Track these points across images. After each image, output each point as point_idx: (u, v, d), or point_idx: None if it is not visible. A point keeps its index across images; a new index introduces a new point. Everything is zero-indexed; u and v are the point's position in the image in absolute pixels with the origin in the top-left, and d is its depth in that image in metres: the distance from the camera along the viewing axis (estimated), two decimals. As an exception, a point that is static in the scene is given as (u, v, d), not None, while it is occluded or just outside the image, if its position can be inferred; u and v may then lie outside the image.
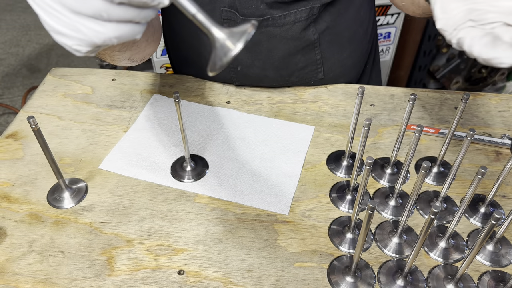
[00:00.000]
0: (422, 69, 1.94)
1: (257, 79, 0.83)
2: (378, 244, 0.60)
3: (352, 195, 0.66)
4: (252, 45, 0.78)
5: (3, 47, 2.64)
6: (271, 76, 0.82)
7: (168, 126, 0.78)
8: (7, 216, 0.64)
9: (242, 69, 0.82)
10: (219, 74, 0.81)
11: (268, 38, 0.77)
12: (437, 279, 0.56)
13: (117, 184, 0.68)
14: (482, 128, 0.78)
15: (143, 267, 0.58)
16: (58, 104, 0.82)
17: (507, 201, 0.66)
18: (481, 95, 0.84)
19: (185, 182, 0.68)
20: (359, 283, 0.55)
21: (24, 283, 0.56)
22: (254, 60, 0.80)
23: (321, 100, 0.83)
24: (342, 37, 0.82)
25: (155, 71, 2.02)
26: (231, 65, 0.81)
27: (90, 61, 2.56)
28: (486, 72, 1.95)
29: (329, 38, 0.80)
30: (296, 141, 0.75)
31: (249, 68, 0.81)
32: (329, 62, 0.83)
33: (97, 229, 0.62)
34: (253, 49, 0.79)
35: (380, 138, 0.76)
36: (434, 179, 0.69)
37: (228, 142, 0.75)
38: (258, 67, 0.81)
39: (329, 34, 0.80)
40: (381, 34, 1.83)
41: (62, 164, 0.71)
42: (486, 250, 0.59)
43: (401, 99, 0.83)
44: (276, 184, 0.68)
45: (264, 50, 0.79)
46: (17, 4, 3.01)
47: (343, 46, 0.83)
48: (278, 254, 0.59)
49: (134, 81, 0.88)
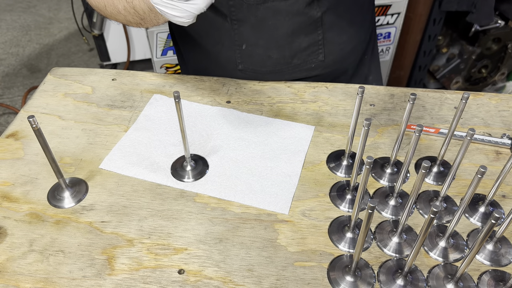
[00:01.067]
0: (422, 69, 1.94)
1: (260, 61, 0.85)
2: (378, 243, 0.60)
3: (352, 194, 0.66)
4: (258, 21, 0.80)
5: (3, 47, 2.64)
6: (274, 57, 0.84)
7: (168, 126, 0.78)
8: (7, 215, 0.64)
9: (247, 47, 0.84)
10: (223, 55, 0.86)
11: (273, 13, 0.79)
12: (437, 278, 0.56)
13: (117, 183, 0.68)
14: (482, 128, 0.78)
15: (143, 266, 0.58)
16: (58, 104, 0.82)
17: (507, 201, 0.66)
18: (481, 95, 0.84)
19: (185, 182, 0.68)
20: (359, 283, 0.55)
21: (24, 282, 0.56)
22: (259, 39, 0.82)
23: (321, 100, 0.83)
24: (342, 19, 0.85)
25: (155, 71, 2.02)
26: (236, 42, 0.83)
27: (91, 61, 2.57)
28: (486, 72, 1.95)
29: (331, 18, 0.83)
30: (296, 141, 0.75)
31: (254, 48, 0.83)
32: (329, 45, 0.86)
33: (98, 228, 0.62)
34: (258, 26, 0.81)
35: (380, 137, 0.76)
36: (434, 178, 0.69)
37: (228, 142, 0.75)
38: (262, 46, 0.83)
39: (331, 14, 0.82)
40: (381, 34, 1.83)
41: (62, 163, 0.71)
42: (486, 250, 0.59)
43: (401, 99, 0.83)
44: (276, 184, 0.68)
45: (269, 27, 0.81)
46: (17, 4, 3.01)
47: (343, 29, 0.86)
48: (278, 253, 0.59)
49: (134, 81, 0.88)
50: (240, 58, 0.85)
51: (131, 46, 2.27)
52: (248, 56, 0.85)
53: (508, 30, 1.81)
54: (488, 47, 1.86)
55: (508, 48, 1.88)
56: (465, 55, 1.87)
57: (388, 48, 1.90)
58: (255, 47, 0.84)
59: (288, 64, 0.86)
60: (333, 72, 0.91)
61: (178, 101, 0.60)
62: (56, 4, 3.01)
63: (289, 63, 0.86)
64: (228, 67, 0.88)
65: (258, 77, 0.88)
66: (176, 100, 0.60)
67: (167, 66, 2.06)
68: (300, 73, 0.88)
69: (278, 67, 0.86)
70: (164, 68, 2.06)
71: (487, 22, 1.74)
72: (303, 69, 0.87)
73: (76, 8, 2.24)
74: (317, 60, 0.87)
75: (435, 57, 1.96)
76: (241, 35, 0.82)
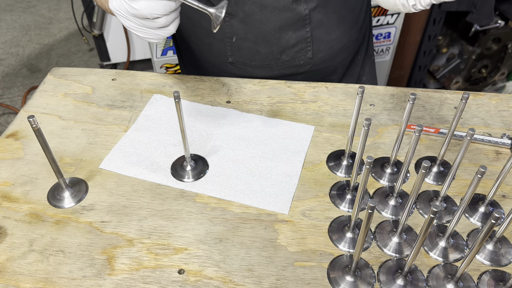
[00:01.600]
0: (422, 69, 1.94)
1: (249, 54, 0.86)
2: (378, 243, 0.60)
3: (352, 194, 0.66)
4: (245, 16, 0.81)
5: (3, 47, 2.64)
6: (263, 52, 0.86)
7: (168, 126, 0.78)
8: (7, 215, 0.64)
9: (237, 40, 0.85)
10: (215, 47, 0.88)
11: (260, 8, 0.80)
12: (437, 278, 0.56)
13: (117, 183, 0.68)
14: (482, 128, 0.78)
15: (143, 266, 0.58)
16: (58, 103, 0.82)
17: (507, 201, 0.66)
18: (481, 95, 0.84)
19: (185, 182, 0.68)
20: (359, 283, 0.55)
21: (24, 282, 0.56)
22: (248, 33, 0.83)
23: (321, 100, 0.83)
24: (331, 18, 0.85)
25: (155, 71, 2.02)
26: (227, 34, 0.84)
27: (91, 61, 2.57)
28: (486, 72, 1.95)
29: (319, 17, 0.83)
30: (296, 141, 0.75)
31: (243, 41, 0.85)
32: (318, 42, 0.86)
33: (98, 228, 0.62)
34: (246, 21, 0.82)
35: (380, 137, 0.76)
36: (434, 178, 0.69)
37: (228, 142, 0.75)
38: (251, 40, 0.84)
39: (319, 13, 0.83)
40: (381, 34, 1.83)
41: (62, 163, 0.71)
42: (486, 250, 0.59)
43: (401, 99, 0.83)
44: (276, 184, 0.68)
45: (256, 22, 0.82)
46: (17, 4, 3.01)
47: (332, 28, 0.86)
48: (278, 253, 0.59)
49: (134, 81, 0.88)
50: (230, 51, 0.87)
51: (131, 46, 2.27)
52: (238, 49, 0.86)
53: (508, 30, 1.81)
54: (488, 47, 1.86)
55: (508, 48, 1.88)
56: (465, 55, 1.87)
57: (388, 48, 1.89)
58: (244, 41, 0.85)
59: (276, 60, 0.87)
60: (323, 70, 0.92)
61: (178, 101, 0.60)
62: (56, 4, 3.01)
63: (277, 59, 0.87)
64: (219, 60, 0.89)
65: (248, 70, 0.89)
66: (176, 100, 0.60)
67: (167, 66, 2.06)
68: (289, 69, 0.89)
69: (267, 62, 0.87)
70: (164, 68, 2.06)
71: (487, 22, 1.74)
72: (292, 66, 0.88)
73: (76, 8, 2.24)
74: (305, 57, 0.87)
75: (435, 57, 1.96)
76: (232, 28, 0.84)
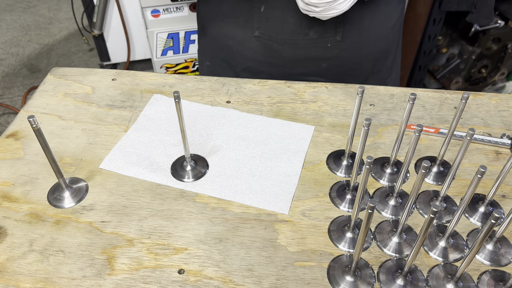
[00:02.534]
0: (422, 69, 1.94)
1: (277, 25, 0.84)
2: (378, 243, 0.60)
3: (352, 194, 0.66)
4: None
5: (3, 47, 2.64)
6: (292, 22, 0.83)
7: (168, 126, 0.78)
8: (7, 215, 0.64)
9: (265, 9, 0.83)
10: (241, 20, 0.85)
11: None
12: (437, 278, 0.56)
13: (117, 183, 0.68)
14: (482, 128, 0.78)
15: (143, 266, 0.58)
16: (58, 104, 0.82)
17: (507, 201, 0.66)
18: (481, 95, 0.84)
19: (185, 182, 0.68)
20: (359, 282, 0.55)
21: (24, 282, 0.56)
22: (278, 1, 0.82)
23: (321, 100, 0.83)
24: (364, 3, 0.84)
25: (155, 71, 2.02)
26: (255, 4, 0.83)
27: (91, 61, 2.57)
28: (486, 72, 1.95)
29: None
30: (296, 141, 0.75)
31: (272, 10, 0.83)
32: (349, 25, 0.85)
33: (98, 228, 0.62)
34: None
35: (380, 137, 0.76)
36: (434, 178, 0.69)
37: (228, 142, 0.75)
38: (280, 7, 0.82)
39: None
40: (381, 34, 1.83)
41: (62, 163, 0.71)
42: (486, 250, 0.59)
43: (401, 99, 0.83)
44: (276, 184, 0.68)
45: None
46: (17, 4, 3.01)
47: (364, 14, 0.85)
48: (278, 253, 0.59)
49: (134, 81, 0.88)
50: (257, 22, 0.85)
51: (131, 46, 2.27)
52: (266, 19, 0.84)
53: (508, 30, 1.81)
54: (488, 47, 1.86)
55: (508, 48, 1.88)
56: (465, 55, 1.87)
57: (388, 48, 1.89)
58: (273, 10, 0.82)
59: (304, 36, 0.85)
60: (348, 60, 0.89)
61: (178, 101, 0.60)
62: (56, 4, 3.01)
63: (305, 34, 0.85)
64: (245, 36, 0.87)
65: (273, 47, 0.86)
66: (176, 100, 0.60)
67: (167, 66, 2.06)
68: (315, 50, 0.87)
69: (294, 36, 0.85)
70: (164, 68, 2.06)
71: (487, 22, 1.74)
72: (318, 46, 0.86)
73: (76, 8, 2.24)
74: (334, 40, 0.85)
75: (435, 57, 1.96)
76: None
